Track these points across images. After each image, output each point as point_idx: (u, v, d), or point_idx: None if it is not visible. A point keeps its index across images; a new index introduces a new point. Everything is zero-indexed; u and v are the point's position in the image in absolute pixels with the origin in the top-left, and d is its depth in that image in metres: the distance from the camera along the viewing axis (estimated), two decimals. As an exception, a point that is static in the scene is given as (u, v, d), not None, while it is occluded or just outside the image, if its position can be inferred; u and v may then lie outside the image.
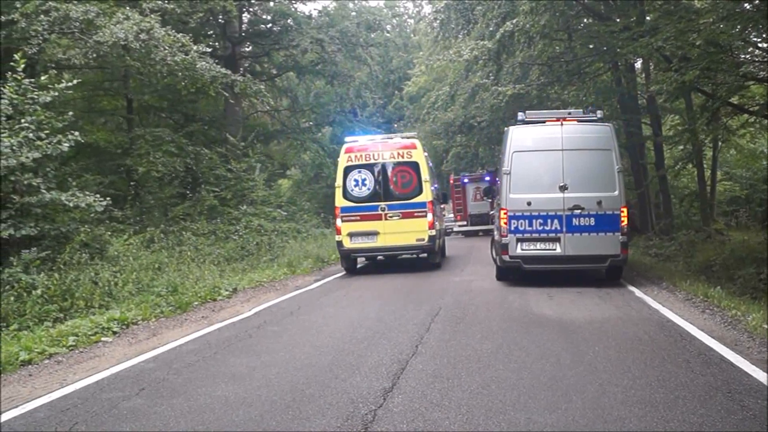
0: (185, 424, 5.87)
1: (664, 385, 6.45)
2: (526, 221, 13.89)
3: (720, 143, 25.78)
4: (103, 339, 9.87)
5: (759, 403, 5.91)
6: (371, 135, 19.82)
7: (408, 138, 18.41)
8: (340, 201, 17.52)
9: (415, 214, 17.23)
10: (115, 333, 10.29)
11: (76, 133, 13.44)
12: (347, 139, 18.34)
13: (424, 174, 17.45)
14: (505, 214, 13.97)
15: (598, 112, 14.69)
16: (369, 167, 17.46)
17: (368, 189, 17.38)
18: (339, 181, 17.57)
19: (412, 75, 49.23)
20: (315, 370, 7.47)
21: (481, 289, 13.86)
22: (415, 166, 17.48)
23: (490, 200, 21.97)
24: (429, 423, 5.64)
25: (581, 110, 15.86)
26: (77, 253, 13.14)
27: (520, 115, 14.80)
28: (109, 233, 15.82)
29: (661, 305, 11.29)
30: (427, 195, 17.33)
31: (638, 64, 27.45)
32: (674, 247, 21.15)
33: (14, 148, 12.14)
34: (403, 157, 17.56)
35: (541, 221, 13.83)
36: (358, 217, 17.33)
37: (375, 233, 17.24)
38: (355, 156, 17.56)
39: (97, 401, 6.63)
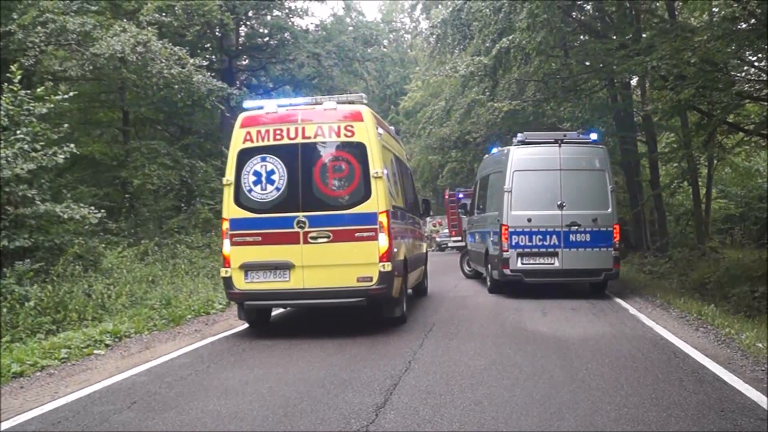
0: (176, 439, 5.85)
1: (657, 404, 6.44)
2: (527, 237, 14.66)
3: (715, 161, 25.85)
4: (95, 352, 9.83)
5: (752, 423, 5.90)
6: (288, 99, 12.51)
7: (350, 103, 11.18)
8: (229, 209, 10.65)
9: (357, 234, 10.34)
10: (107, 346, 10.24)
11: (72, 145, 13.47)
12: (247, 104, 11.48)
13: (375, 165, 10.43)
14: (506, 229, 14.65)
15: (592, 134, 15.53)
16: (280, 152, 10.61)
17: (277, 189, 10.53)
18: (229, 175, 10.70)
19: (409, 90, 49.37)
20: (307, 385, 7.45)
21: (475, 305, 13.88)
22: (359, 150, 10.55)
23: (463, 216, 21.62)
24: (421, 439, 5.64)
25: (575, 132, 16.69)
26: (71, 265, 13.10)
27: (520, 136, 15.47)
28: (103, 245, 15.78)
29: (654, 323, 11.30)
30: (379, 201, 10.38)
31: (634, 81, 27.56)
32: (669, 265, 21.20)
33: (9, 159, 12.14)
34: (339, 134, 10.60)
35: (541, 237, 14.64)
36: (260, 238, 10.49)
37: (287, 266, 10.35)
38: (258, 133, 10.68)
39: (88, 414, 6.60)
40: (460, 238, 37.53)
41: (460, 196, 37.51)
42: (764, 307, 14.67)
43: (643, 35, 19.94)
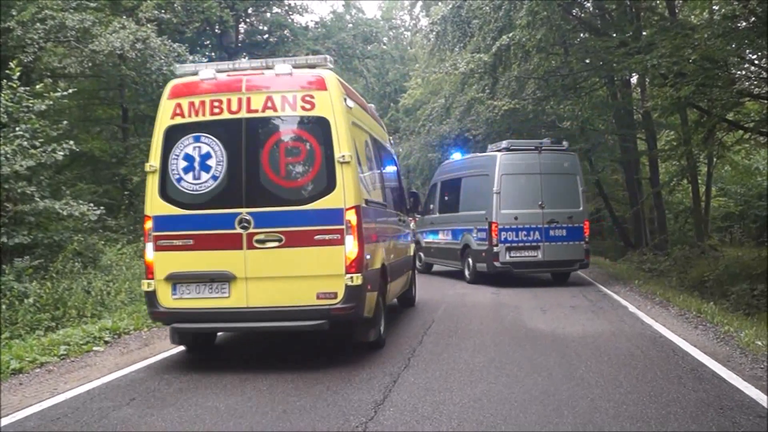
0: (175, 435, 5.85)
1: (655, 401, 6.44)
2: (513, 233, 16.59)
3: (715, 159, 25.83)
4: (94, 348, 9.82)
5: (751, 420, 5.90)
6: (230, 63, 9.61)
7: (310, 66, 8.77)
8: (153, 204, 8.45)
9: (317, 236, 8.07)
10: (106, 342, 10.23)
11: (71, 142, 13.45)
12: (179, 69, 9.22)
13: (342, 146, 8.15)
14: (495, 227, 16.45)
15: (564, 143, 18.23)
16: (219, 129, 8.40)
17: (214, 178, 8.30)
18: (153, 161, 8.48)
19: (408, 87, 49.25)
20: (306, 381, 7.45)
21: (474, 303, 13.88)
22: (320, 128, 8.28)
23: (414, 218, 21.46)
24: (420, 436, 5.64)
25: (548, 140, 18.94)
26: (70, 262, 13.09)
27: (504, 144, 17.67)
28: (103, 242, 15.77)
29: (654, 320, 11.30)
30: (346, 194, 8.11)
31: (634, 80, 27.57)
32: (668, 263, 21.21)
33: (8, 156, 12.13)
34: (294, 107, 8.34)
35: (525, 233, 16.63)
36: (191, 242, 8.27)
37: (226, 278, 8.13)
38: (190, 105, 8.47)
39: (87, 411, 6.60)
40: None
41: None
42: (763, 305, 14.68)
43: (644, 33, 19.91)
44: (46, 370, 8.66)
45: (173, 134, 8.45)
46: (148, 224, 8.42)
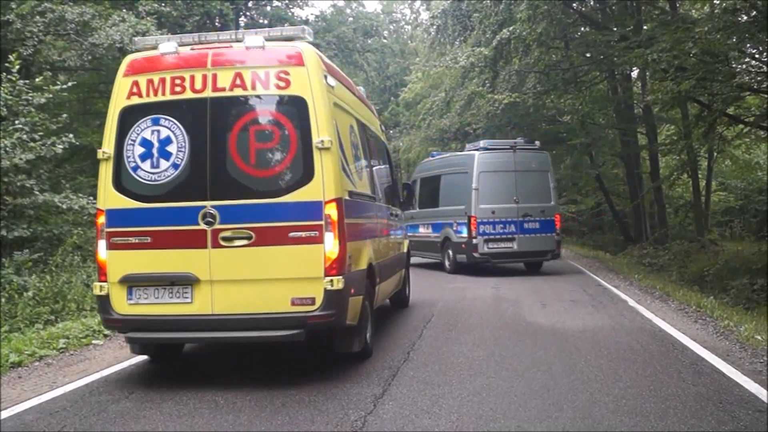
0: (174, 428, 5.83)
1: (655, 395, 6.43)
2: (491, 226, 17.77)
3: (715, 154, 25.84)
4: (94, 342, 9.82)
5: (750, 415, 5.89)
6: (194, 35, 7.96)
7: (286, 39, 7.64)
8: (106, 196, 7.38)
9: (292, 234, 7.02)
10: (106, 336, 10.21)
11: (71, 135, 13.47)
12: (137, 42, 7.99)
13: (321, 130, 7.08)
14: (474, 220, 17.66)
15: (536, 142, 19.47)
16: (181, 111, 7.35)
17: (175, 167, 7.22)
18: (107, 146, 7.39)
19: (409, 81, 49.22)
20: (306, 374, 7.43)
21: (475, 297, 13.86)
22: (296, 109, 7.23)
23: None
24: (419, 430, 5.61)
25: (521, 139, 20.16)
26: (70, 255, 13.08)
27: (482, 143, 18.88)
28: (103, 236, 15.75)
29: (653, 314, 11.29)
30: (325, 184, 7.06)
31: (634, 74, 27.54)
32: (668, 257, 21.26)
33: (8, 149, 12.12)
34: (267, 85, 7.28)
35: (502, 226, 17.82)
36: (149, 239, 7.21)
37: (188, 281, 7.10)
38: (149, 83, 7.35)
39: (86, 404, 6.59)
40: None
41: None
42: (763, 300, 14.70)
43: (644, 27, 19.89)
44: (45, 363, 8.66)
45: (129, 116, 7.37)
46: (101, 219, 7.37)
